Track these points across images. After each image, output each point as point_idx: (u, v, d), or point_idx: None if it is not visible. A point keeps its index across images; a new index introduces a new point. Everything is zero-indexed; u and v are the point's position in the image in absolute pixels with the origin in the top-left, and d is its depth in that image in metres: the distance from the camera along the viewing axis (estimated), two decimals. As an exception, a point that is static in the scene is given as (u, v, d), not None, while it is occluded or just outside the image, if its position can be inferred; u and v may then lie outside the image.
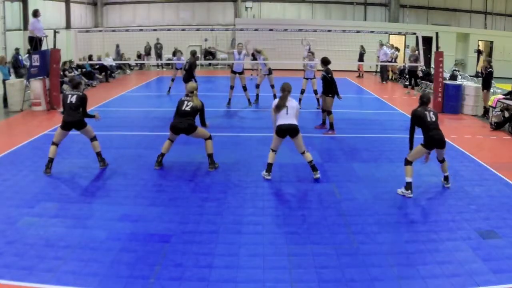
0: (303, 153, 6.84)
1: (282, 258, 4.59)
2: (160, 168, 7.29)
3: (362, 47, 19.37)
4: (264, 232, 5.17)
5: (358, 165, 7.66)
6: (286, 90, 6.85)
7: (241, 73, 12.46)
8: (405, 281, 4.21)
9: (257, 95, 12.86)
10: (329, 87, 9.71)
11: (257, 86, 12.89)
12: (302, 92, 12.31)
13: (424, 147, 6.34)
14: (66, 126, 7.02)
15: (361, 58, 19.50)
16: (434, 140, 6.27)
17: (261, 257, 4.61)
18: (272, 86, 12.54)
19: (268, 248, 4.79)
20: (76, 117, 6.95)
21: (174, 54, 17.84)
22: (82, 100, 7.00)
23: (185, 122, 7.11)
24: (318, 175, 6.88)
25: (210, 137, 7.36)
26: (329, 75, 9.71)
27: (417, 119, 6.33)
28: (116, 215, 5.54)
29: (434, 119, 6.34)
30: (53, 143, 7.06)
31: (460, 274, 4.32)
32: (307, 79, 12.40)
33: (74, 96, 6.99)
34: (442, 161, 6.63)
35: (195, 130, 7.19)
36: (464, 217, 5.62)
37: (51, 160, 7.00)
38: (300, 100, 12.24)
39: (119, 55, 21.39)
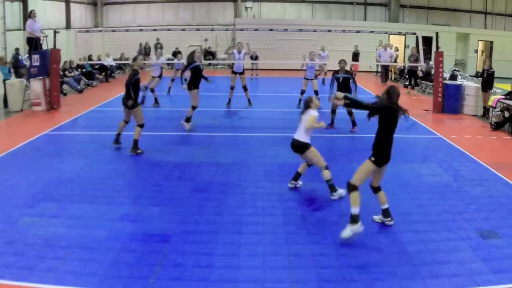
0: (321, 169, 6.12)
1: (282, 258, 4.59)
2: (160, 168, 7.29)
3: (356, 46, 19.29)
4: (264, 232, 5.17)
5: (358, 165, 7.60)
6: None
7: (241, 73, 12.46)
8: (405, 281, 4.21)
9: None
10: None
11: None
12: (302, 92, 12.30)
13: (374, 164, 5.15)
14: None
15: (355, 58, 19.42)
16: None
17: (261, 257, 4.61)
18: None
19: (268, 248, 4.79)
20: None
21: (174, 54, 17.75)
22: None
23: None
24: (335, 197, 6.07)
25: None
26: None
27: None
28: (116, 215, 5.54)
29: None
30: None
31: (460, 274, 4.32)
32: (307, 79, 12.39)
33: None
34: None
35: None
36: (464, 217, 5.62)
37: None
38: (300, 100, 12.26)
39: (144, 52, 20.90)
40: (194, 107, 9.84)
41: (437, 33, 13.13)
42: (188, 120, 9.87)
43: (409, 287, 4.13)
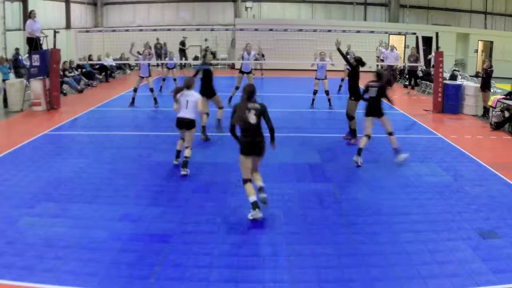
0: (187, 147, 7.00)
1: (282, 258, 4.59)
2: (160, 168, 7.29)
3: (348, 46, 19.24)
4: (264, 232, 5.17)
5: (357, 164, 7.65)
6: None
7: (249, 72, 12.43)
8: (405, 281, 4.21)
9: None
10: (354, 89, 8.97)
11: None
12: (315, 93, 12.39)
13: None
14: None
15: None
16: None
17: (261, 257, 4.61)
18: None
19: (268, 248, 4.79)
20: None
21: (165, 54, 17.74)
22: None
23: None
24: (184, 172, 6.88)
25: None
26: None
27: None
28: (116, 215, 5.54)
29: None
30: None
31: (460, 274, 4.32)
32: (318, 79, 12.41)
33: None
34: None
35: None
36: (464, 217, 5.62)
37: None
38: (313, 100, 12.37)
39: (155, 52, 20.85)
40: (206, 113, 9.03)
41: (437, 33, 13.13)
42: (203, 130, 8.97)
43: (409, 287, 4.13)
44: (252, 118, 5.35)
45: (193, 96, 7.08)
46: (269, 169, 7.33)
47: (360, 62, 8.97)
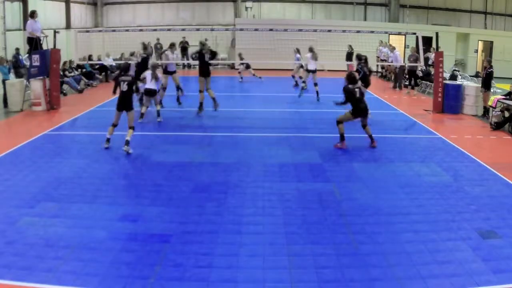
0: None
1: (282, 258, 4.59)
2: (160, 168, 7.29)
3: (350, 46, 19.24)
4: (264, 232, 5.17)
5: (358, 165, 7.66)
6: None
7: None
8: (405, 281, 4.21)
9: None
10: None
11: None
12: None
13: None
14: None
15: (349, 58, 19.35)
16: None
17: (261, 257, 4.61)
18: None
19: (268, 248, 4.79)
20: None
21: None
22: None
23: None
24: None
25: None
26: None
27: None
28: (116, 215, 5.54)
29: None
30: None
31: (460, 274, 4.32)
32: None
33: None
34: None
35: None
36: (464, 217, 5.62)
37: None
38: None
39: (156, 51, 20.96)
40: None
41: (437, 33, 13.12)
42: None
43: (409, 287, 4.13)
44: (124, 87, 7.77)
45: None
46: (269, 169, 7.34)
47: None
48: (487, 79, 12.19)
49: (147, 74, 10.27)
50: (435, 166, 7.65)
